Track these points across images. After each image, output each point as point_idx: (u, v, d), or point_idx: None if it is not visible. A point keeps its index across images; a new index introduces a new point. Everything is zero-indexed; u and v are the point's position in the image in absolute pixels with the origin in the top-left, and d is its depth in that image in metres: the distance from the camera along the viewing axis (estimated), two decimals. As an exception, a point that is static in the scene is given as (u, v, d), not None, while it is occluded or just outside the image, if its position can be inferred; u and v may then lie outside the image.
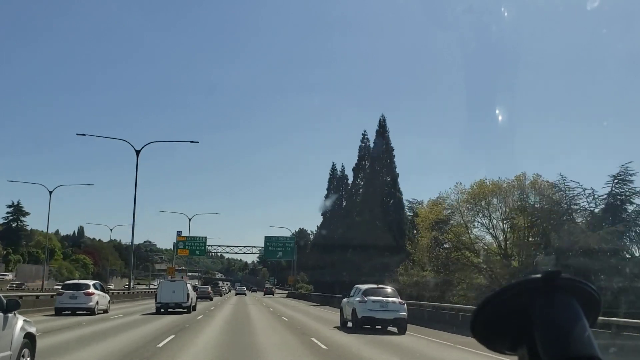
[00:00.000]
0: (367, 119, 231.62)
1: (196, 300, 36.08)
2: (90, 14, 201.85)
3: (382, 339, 20.12)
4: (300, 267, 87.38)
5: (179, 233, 78.87)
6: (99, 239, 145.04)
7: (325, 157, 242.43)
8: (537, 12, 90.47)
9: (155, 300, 31.51)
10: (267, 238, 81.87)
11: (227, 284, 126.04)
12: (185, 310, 30.86)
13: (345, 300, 25.23)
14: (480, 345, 1.37)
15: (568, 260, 30.13)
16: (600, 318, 1.39)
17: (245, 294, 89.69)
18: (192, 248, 79.54)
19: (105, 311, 30.17)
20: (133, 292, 56.24)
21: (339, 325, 24.57)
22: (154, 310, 30.83)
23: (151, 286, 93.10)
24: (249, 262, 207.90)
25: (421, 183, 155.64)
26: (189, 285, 32.89)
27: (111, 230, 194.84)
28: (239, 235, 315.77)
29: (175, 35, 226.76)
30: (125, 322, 24.31)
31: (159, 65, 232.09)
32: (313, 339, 18.88)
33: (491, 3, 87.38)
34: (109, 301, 31.71)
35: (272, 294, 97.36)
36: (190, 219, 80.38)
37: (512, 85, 75.06)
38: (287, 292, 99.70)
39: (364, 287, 23.87)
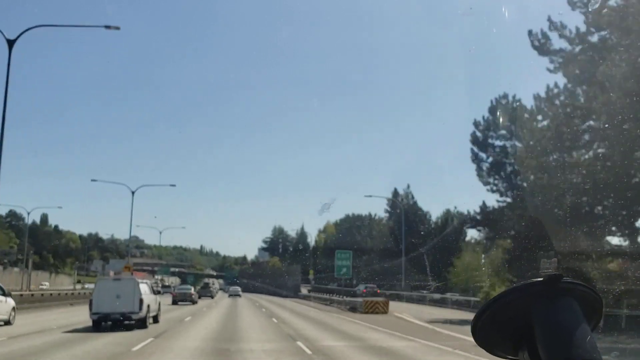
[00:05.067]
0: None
1: (158, 309, 24.73)
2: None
3: None
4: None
5: None
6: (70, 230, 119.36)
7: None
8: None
9: (90, 310, 20.99)
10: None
11: (218, 281, 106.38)
12: (138, 323, 20.63)
13: None
14: None
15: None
16: None
17: (239, 295, 68.25)
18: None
19: (7, 322, 20.25)
20: (67, 294, 45.41)
21: None
22: (91, 324, 20.61)
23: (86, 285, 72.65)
24: (250, 256, 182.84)
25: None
26: (143, 286, 22.11)
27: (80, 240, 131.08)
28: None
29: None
30: (24, 347, 14.40)
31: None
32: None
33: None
34: (13, 308, 21.64)
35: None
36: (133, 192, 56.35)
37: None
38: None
39: None
